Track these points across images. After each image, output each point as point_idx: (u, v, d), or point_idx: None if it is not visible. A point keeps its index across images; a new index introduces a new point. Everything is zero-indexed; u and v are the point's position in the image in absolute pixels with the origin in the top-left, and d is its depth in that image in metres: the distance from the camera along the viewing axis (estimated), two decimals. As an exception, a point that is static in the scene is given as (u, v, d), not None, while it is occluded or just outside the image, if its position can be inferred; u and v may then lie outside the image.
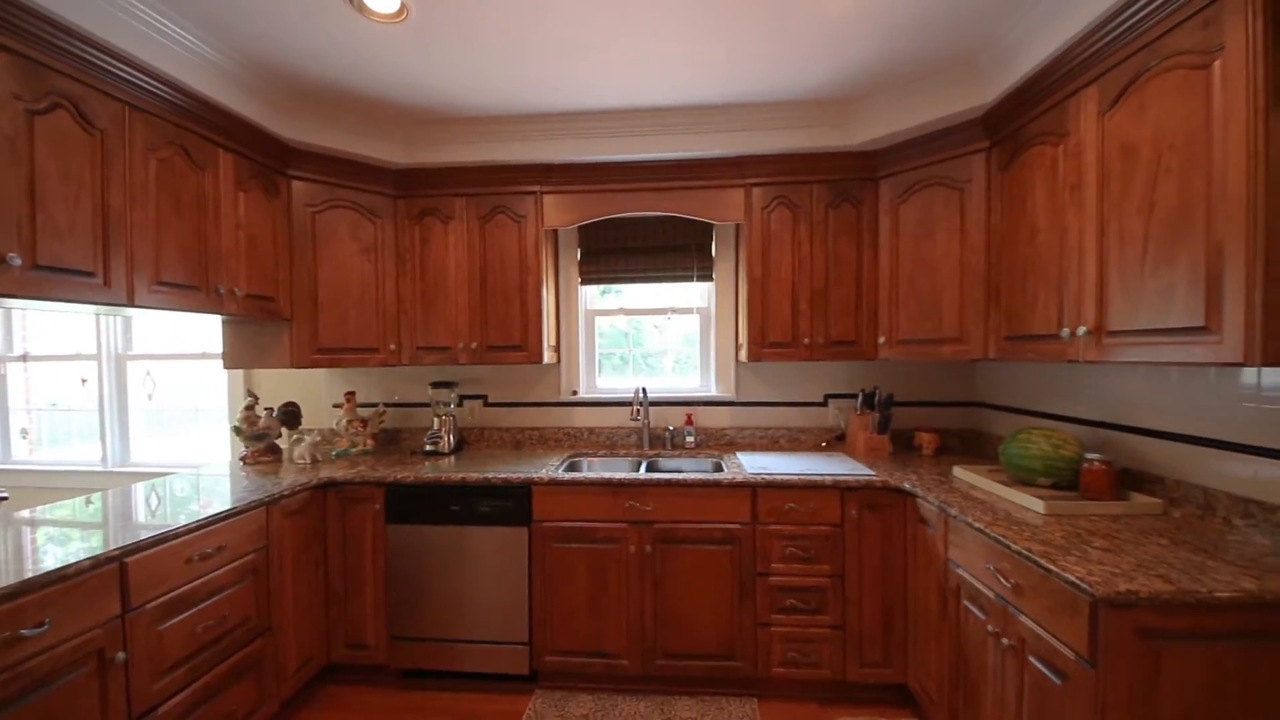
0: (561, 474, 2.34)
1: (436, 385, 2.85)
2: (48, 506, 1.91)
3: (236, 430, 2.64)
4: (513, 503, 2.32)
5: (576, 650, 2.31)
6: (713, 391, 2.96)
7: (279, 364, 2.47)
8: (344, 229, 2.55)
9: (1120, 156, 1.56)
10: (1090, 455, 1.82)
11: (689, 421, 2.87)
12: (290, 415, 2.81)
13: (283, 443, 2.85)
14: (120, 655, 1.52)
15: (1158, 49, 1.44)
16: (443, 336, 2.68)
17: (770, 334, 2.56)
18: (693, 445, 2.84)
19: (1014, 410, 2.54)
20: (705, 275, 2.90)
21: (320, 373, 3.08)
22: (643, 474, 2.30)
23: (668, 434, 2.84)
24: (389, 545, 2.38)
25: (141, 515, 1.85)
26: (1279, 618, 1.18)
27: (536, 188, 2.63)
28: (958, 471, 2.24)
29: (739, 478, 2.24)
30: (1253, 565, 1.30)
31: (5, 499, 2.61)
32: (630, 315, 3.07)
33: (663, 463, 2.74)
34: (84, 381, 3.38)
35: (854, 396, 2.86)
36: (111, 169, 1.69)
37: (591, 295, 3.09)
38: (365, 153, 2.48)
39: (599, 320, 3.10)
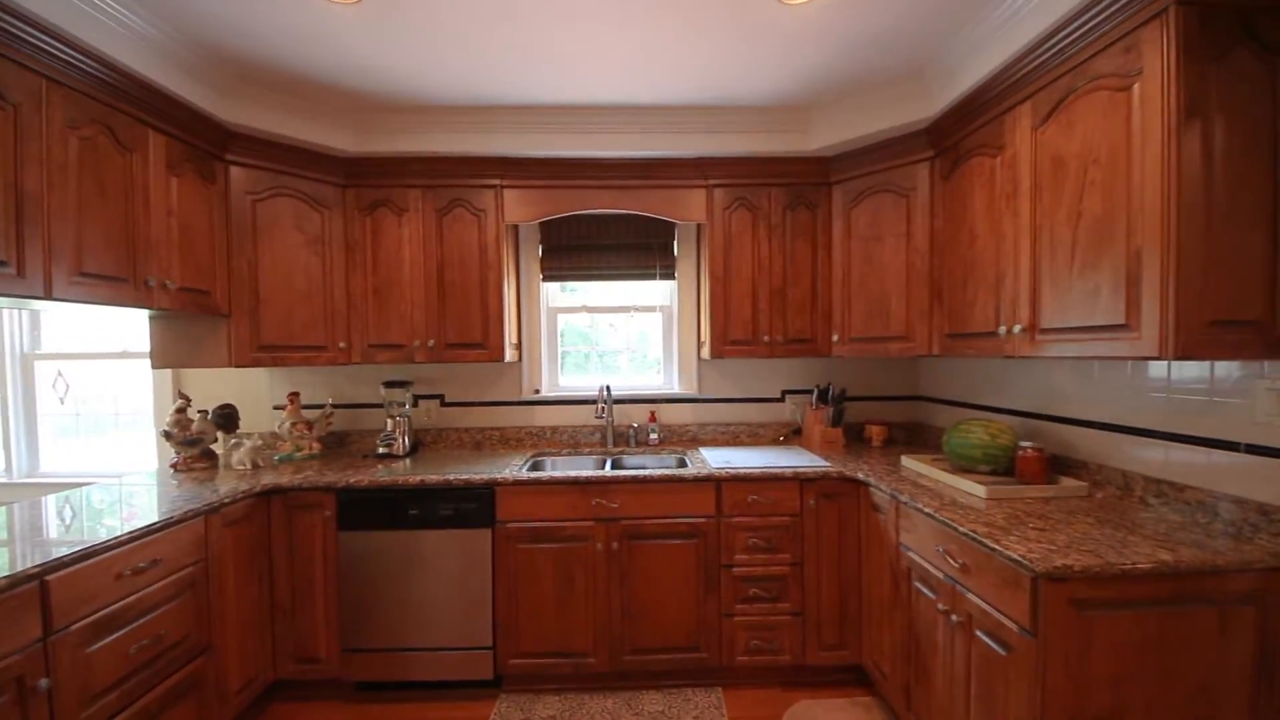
0: (526, 474, 2.31)
1: (390, 385, 2.74)
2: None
3: (166, 435, 2.45)
4: (475, 504, 2.26)
5: (543, 651, 2.29)
6: (676, 388, 3.00)
7: (216, 362, 2.30)
8: (288, 219, 2.41)
9: (1051, 169, 1.70)
10: (1024, 443, 1.98)
11: (652, 419, 2.89)
12: (226, 418, 2.63)
13: (219, 448, 2.66)
14: (43, 682, 1.38)
15: (1084, 71, 1.58)
16: (397, 334, 2.58)
17: (732, 331, 2.62)
18: (656, 442, 2.86)
19: (953, 403, 2.71)
20: (668, 274, 2.94)
21: (260, 372, 2.90)
22: (609, 471, 2.30)
23: (631, 431, 2.85)
24: (341, 554, 2.27)
25: (55, 530, 1.69)
26: (1189, 585, 1.33)
27: (497, 181, 2.58)
28: (905, 461, 2.37)
29: (703, 472, 2.28)
30: (1167, 539, 1.45)
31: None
32: (593, 313, 3.07)
33: (627, 460, 2.76)
34: (-21, 384, 3.03)
35: (810, 392, 2.96)
36: (26, 147, 1.53)
37: (553, 292, 3.05)
38: (312, 139, 2.35)
39: (559, 318, 3.07)
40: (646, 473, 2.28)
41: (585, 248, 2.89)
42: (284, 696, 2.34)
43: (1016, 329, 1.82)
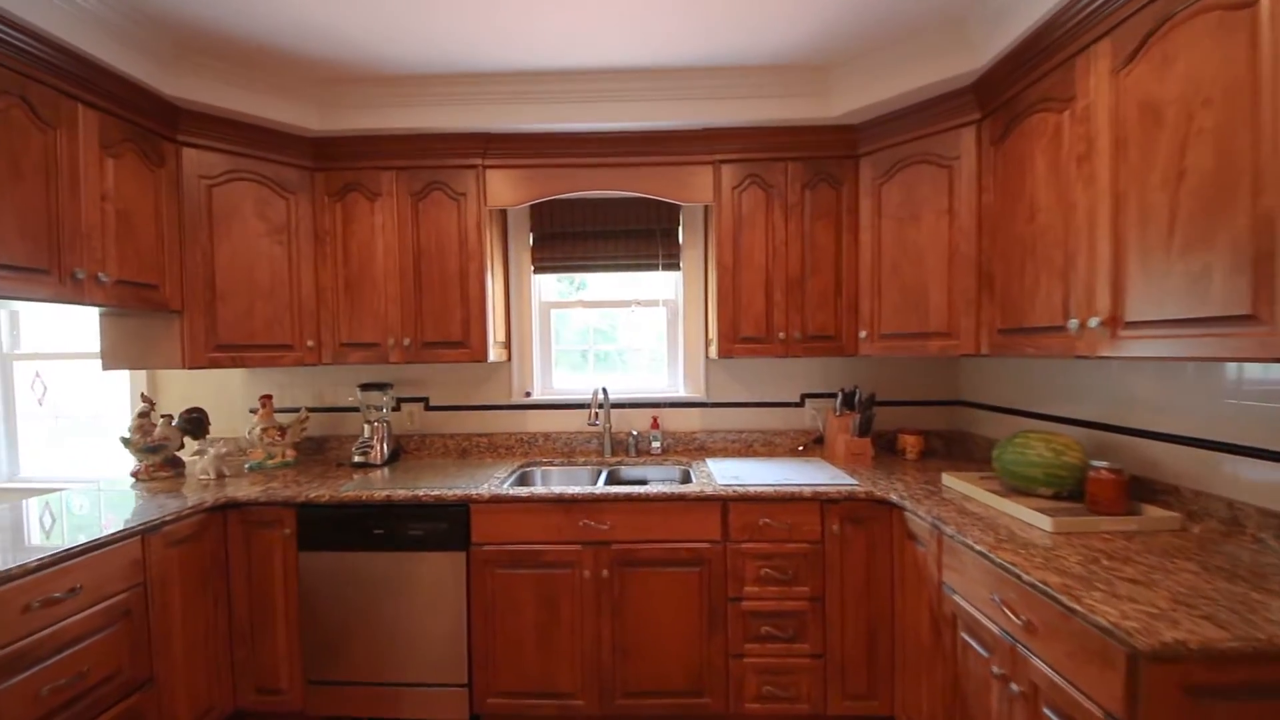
0: (505, 489, 2.04)
1: (366, 387, 2.51)
2: None
3: (125, 441, 2.27)
4: (447, 524, 2.01)
5: (524, 691, 2.02)
6: (681, 391, 2.69)
7: (169, 363, 2.10)
8: (248, 206, 2.19)
9: (1140, 120, 1.34)
10: (1097, 463, 1.62)
11: (655, 425, 2.59)
12: (194, 423, 2.43)
13: (189, 454, 2.47)
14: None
15: (1188, -11, 1.22)
16: (370, 332, 2.35)
17: (742, 328, 2.30)
18: (659, 451, 2.56)
19: (1001, 410, 2.34)
20: (672, 264, 2.63)
21: (236, 374, 2.71)
22: (599, 488, 2.02)
23: (631, 439, 2.56)
24: (302, 576, 2.04)
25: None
26: (1352, 668, 0.97)
27: (478, 161, 2.31)
28: (947, 479, 2.02)
29: (708, 490, 1.98)
30: (1310, 600, 1.09)
31: None
32: (589, 308, 2.78)
33: (625, 471, 2.47)
34: (-41, 385, 2.92)
35: (833, 396, 2.63)
36: (-95, 117, 1.33)
37: (547, 286, 2.78)
38: (271, 115, 2.13)
39: (566, 315, 2.78)
40: (640, 491, 1.98)
41: (579, 235, 2.60)
42: (245, 730, 2.13)
43: (1093, 322, 1.46)
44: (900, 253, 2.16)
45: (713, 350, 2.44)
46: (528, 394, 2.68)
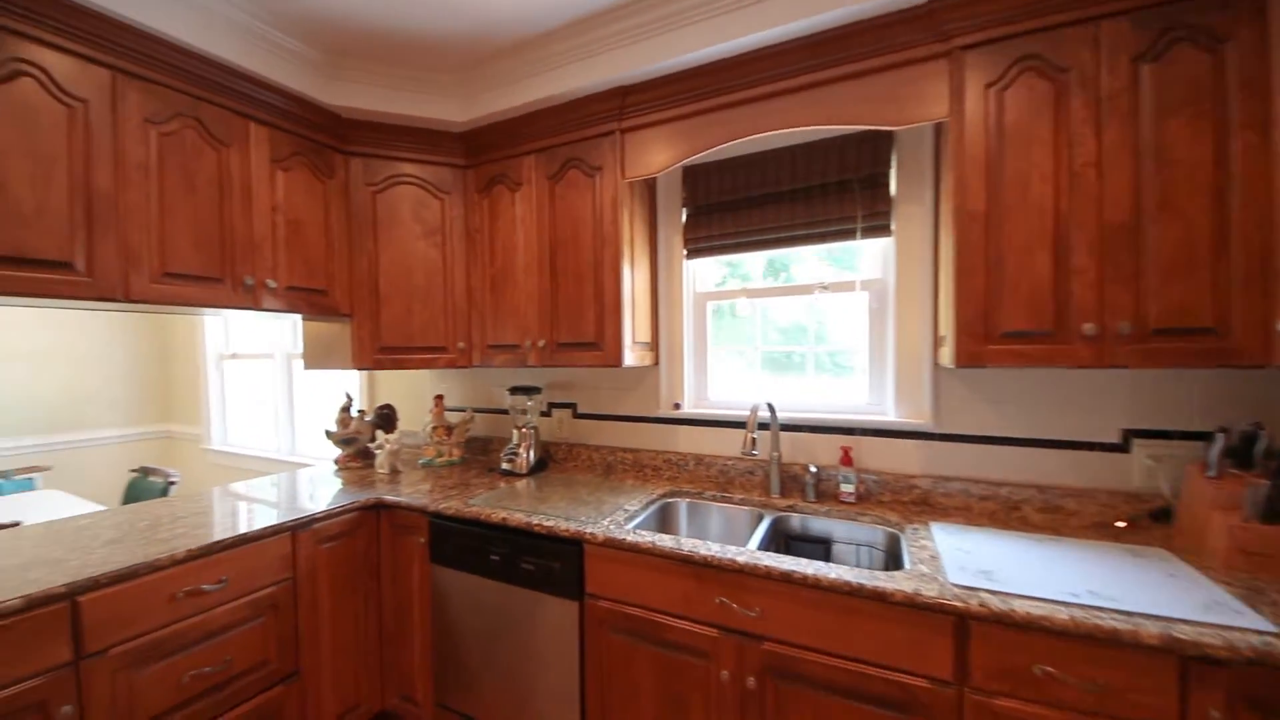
0: (627, 530, 1.58)
1: (515, 391, 2.34)
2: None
3: (328, 434, 2.50)
4: (560, 564, 1.64)
5: (642, 803, 1.53)
6: (889, 413, 1.85)
7: (342, 364, 2.21)
8: (406, 209, 2.18)
9: None
10: None
11: (846, 460, 1.81)
12: (385, 418, 2.59)
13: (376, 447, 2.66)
14: (66, 709, 1.29)
15: None
16: (511, 332, 2.14)
17: (1004, 315, 1.40)
18: (851, 497, 1.79)
19: None
20: (878, 227, 1.81)
21: (426, 371, 2.85)
22: (745, 553, 1.40)
23: (809, 476, 1.83)
24: (435, 590, 1.92)
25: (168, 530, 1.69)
26: None
27: (614, 125, 1.90)
28: None
29: (929, 594, 1.18)
30: None
31: (175, 482, 2.92)
32: (756, 297, 2.11)
33: (798, 522, 1.77)
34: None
35: (1196, 438, 1.47)
36: (95, 146, 1.49)
37: (703, 274, 2.20)
38: (423, 113, 2.07)
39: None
40: (808, 573, 1.29)
41: (742, 204, 1.98)
42: (395, 731, 2.12)
43: None
44: None
45: (945, 354, 1.57)
46: (676, 406, 2.17)
